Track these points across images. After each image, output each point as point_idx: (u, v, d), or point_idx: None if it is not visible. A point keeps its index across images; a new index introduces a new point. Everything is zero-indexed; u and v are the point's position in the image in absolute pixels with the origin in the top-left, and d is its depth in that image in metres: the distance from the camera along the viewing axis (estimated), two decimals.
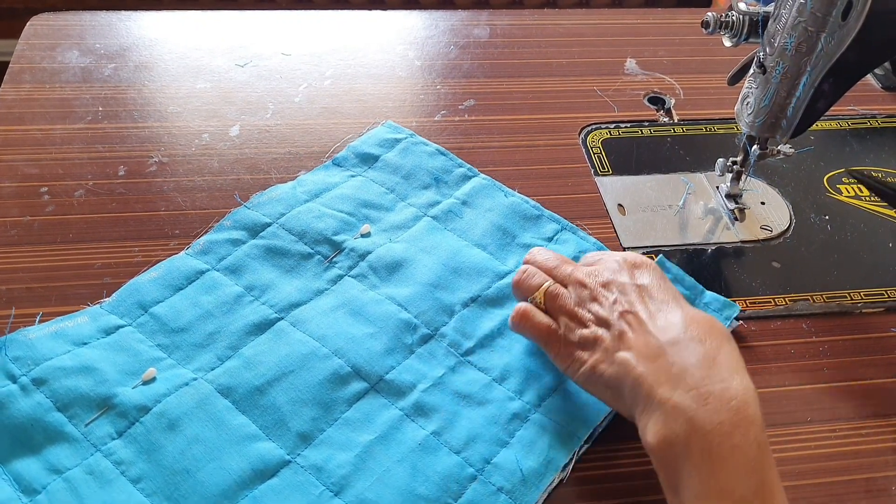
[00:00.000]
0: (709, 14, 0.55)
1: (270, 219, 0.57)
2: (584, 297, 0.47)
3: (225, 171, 0.63)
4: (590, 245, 0.58)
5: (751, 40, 0.55)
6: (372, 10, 0.84)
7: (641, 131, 0.71)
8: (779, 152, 0.59)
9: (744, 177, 0.62)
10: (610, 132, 0.70)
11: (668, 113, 0.73)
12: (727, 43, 0.56)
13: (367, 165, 0.63)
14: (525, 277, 0.50)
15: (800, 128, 0.56)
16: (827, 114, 0.55)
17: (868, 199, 0.65)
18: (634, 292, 0.46)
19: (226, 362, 0.49)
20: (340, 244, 0.56)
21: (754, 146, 0.59)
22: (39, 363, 0.47)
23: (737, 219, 0.62)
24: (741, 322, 0.55)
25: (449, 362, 0.50)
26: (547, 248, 0.58)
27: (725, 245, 0.61)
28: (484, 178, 0.63)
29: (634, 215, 0.63)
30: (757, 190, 0.65)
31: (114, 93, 0.69)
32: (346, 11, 0.83)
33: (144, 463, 0.43)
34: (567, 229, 0.59)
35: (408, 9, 0.90)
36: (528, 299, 0.49)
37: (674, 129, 0.71)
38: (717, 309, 0.54)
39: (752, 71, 0.56)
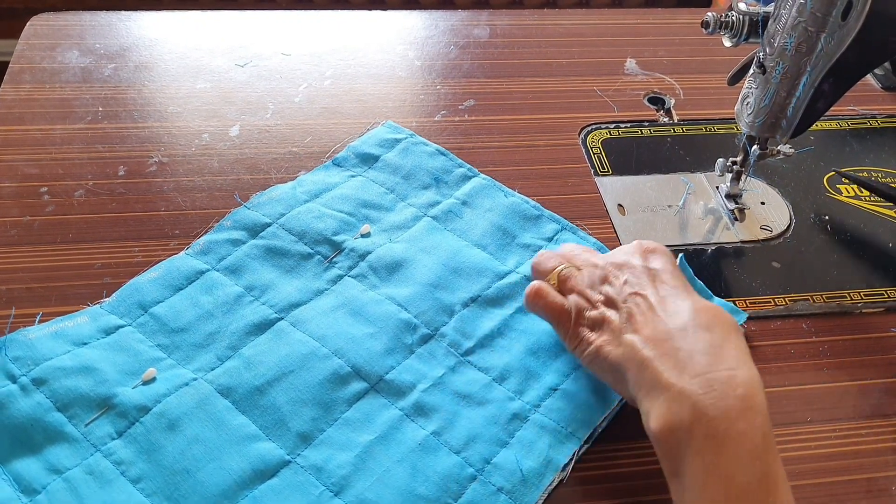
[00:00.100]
0: (709, 14, 0.55)
1: (270, 219, 0.57)
2: (595, 279, 0.48)
3: (225, 171, 0.63)
4: (590, 245, 0.58)
5: (751, 40, 0.55)
6: (372, 10, 0.84)
7: (641, 131, 0.71)
8: (779, 152, 0.59)
9: (744, 177, 0.62)
10: (610, 132, 0.70)
11: (668, 113, 0.73)
12: (727, 43, 0.56)
13: (367, 165, 0.63)
14: (542, 260, 0.52)
15: (800, 128, 0.56)
16: (827, 114, 0.55)
17: (868, 199, 0.65)
18: (646, 275, 0.46)
19: (226, 362, 0.49)
20: (340, 244, 0.56)
21: (754, 146, 0.59)
22: (39, 363, 0.47)
23: (737, 219, 0.62)
24: (741, 322, 0.55)
25: (449, 362, 0.50)
26: (546, 248, 0.58)
27: (725, 245, 0.61)
28: (484, 178, 0.63)
29: (634, 215, 0.63)
30: (757, 190, 0.65)
31: (114, 93, 0.69)
32: (346, 11, 0.83)
33: (144, 463, 0.43)
34: (567, 229, 0.59)
35: (408, 9, 0.90)
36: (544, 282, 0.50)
37: (674, 129, 0.71)
38: None
39: (752, 71, 0.56)
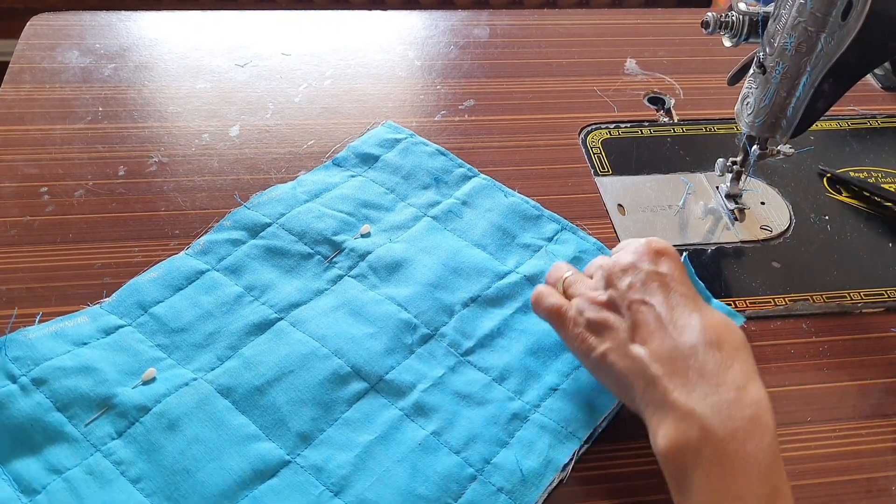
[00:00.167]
0: (709, 14, 0.55)
1: (270, 219, 0.57)
2: (599, 281, 0.47)
3: (225, 171, 0.63)
4: (590, 245, 0.58)
5: (751, 40, 0.55)
6: (372, 10, 0.84)
7: (641, 131, 0.71)
8: (779, 152, 0.59)
9: (744, 177, 0.62)
10: (610, 132, 0.70)
11: (668, 113, 0.73)
12: (727, 43, 0.56)
13: (367, 165, 0.63)
14: (553, 269, 0.51)
15: (800, 128, 0.56)
16: (827, 114, 0.55)
17: (868, 199, 0.65)
18: (653, 281, 0.44)
19: (226, 362, 0.49)
20: (340, 244, 0.56)
21: (754, 146, 0.59)
22: (39, 363, 0.47)
23: (737, 219, 0.62)
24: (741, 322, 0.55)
25: (449, 362, 0.50)
26: (546, 248, 0.58)
27: (725, 245, 0.61)
28: (484, 178, 0.63)
29: (634, 215, 0.63)
30: (757, 190, 0.65)
31: (114, 93, 0.69)
32: (346, 11, 0.83)
33: (144, 463, 0.43)
34: (567, 229, 0.59)
35: (408, 9, 0.90)
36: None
37: (674, 129, 0.71)
38: None
39: (752, 71, 0.56)
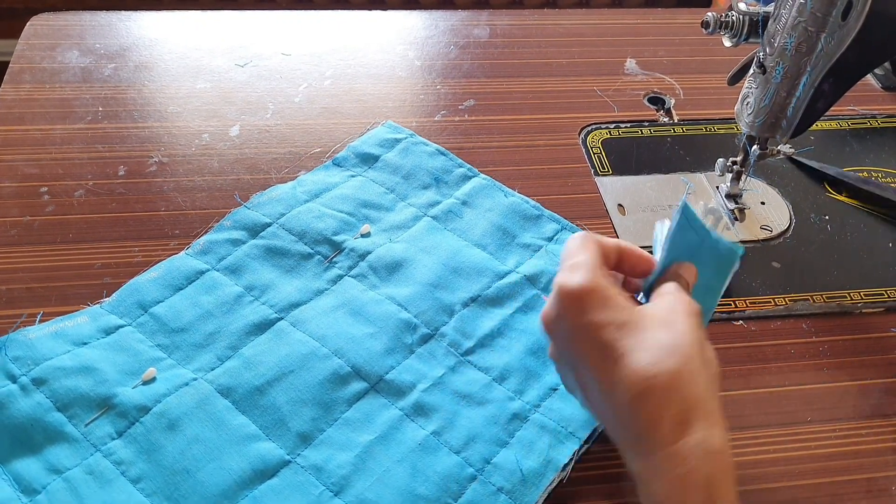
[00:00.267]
0: (709, 14, 0.55)
1: (270, 219, 0.57)
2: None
3: (225, 171, 0.63)
4: None
5: (751, 40, 0.55)
6: (372, 10, 0.84)
7: (641, 131, 0.71)
8: (779, 152, 0.59)
9: (744, 177, 0.62)
10: (610, 132, 0.70)
11: (668, 113, 0.73)
12: (727, 43, 0.56)
13: (367, 165, 0.63)
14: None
15: (800, 128, 0.56)
16: (827, 114, 0.55)
17: (868, 199, 0.65)
18: (568, 345, 0.40)
19: (226, 362, 0.49)
20: (340, 244, 0.56)
21: (754, 146, 0.59)
22: (39, 363, 0.47)
23: (737, 219, 0.62)
24: (741, 322, 0.55)
25: (449, 362, 0.50)
26: (546, 247, 0.58)
27: None
28: (484, 178, 0.63)
29: (634, 215, 0.63)
30: (757, 190, 0.65)
31: (114, 93, 0.69)
32: (346, 11, 0.83)
33: (144, 463, 0.43)
34: (567, 229, 0.59)
35: (408, 9, 0.90)
36: None
37: (674, 129, 0.71)
38: (723, 253, 0.44)
39: (752, 71, 0.56)
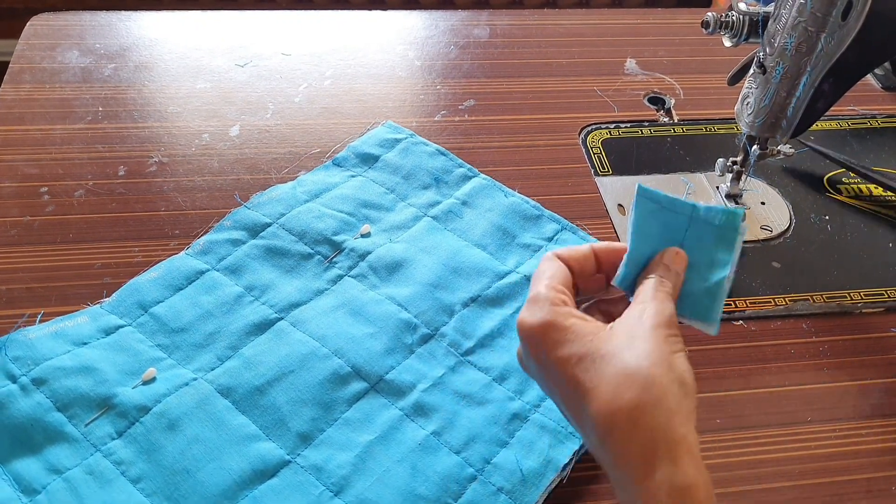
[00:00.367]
0: (709, 14, 0.55)
1: (270, 219, 0.57)
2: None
3: (225, 171, 0.63)
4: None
5: (751, 40, 0.55)
6: (372, 10, 0.84)
7: (641, 131, 0.71)
8: (779, 152, 0.59)
9: (744, 177, 0.62)
10: (610, 132, 0.70)
11: (668, 113, 0.73)
12: (727, 43, 0.56)
13: (367, 165, 0.63)
14: None
15: (800, 128, 0.56)
16: (827, 114, 0.55)
17: (868, 198, 0.65)
18: (542, 381, 0.40)
19: (226, 362, 0.49)
20: (340, 244, 0.56)
21: (754, 146, 0.59)
22: (39, 363, 0.47)
23: None
24: (741, 322, 0.55)
25: (449, 362, 0.50)
26: (546, 248, 0.58)
27: None
28: (484, 178, 0.63)
29: None
30: (757, 190, 0.65)
31: (114, 93, 0.69)
32: (346, 11, 0.83)
33: (144, 463, 0.43)
34: (567, 229, 0.59)
35: (408, 9, 0.90)
36: None
37: (674, 129, 0.71)
38: (720, 223, 0.40)
39: (752, 71, 0.56)
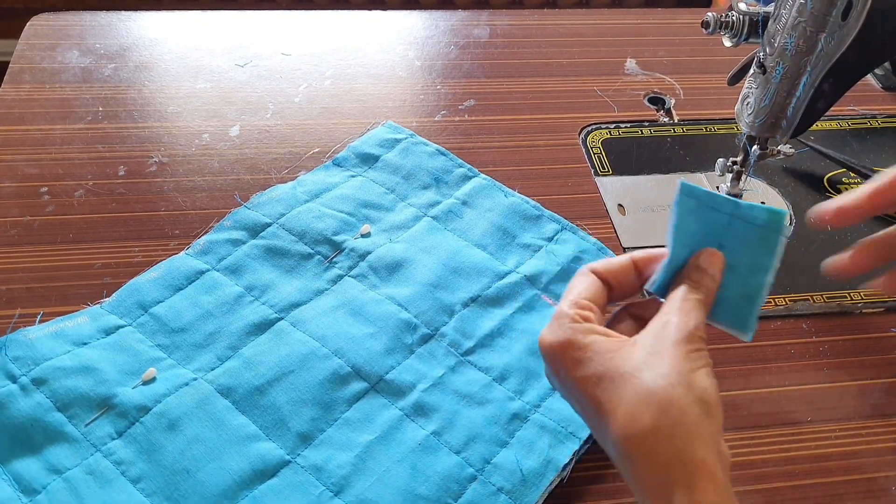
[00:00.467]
0: (709, 14, 0.55)
1: (270, 219, 0.57)
2: None
3: (225, 171, 0.63)
4: (590, 245, 0.58)
5: (751, 40, 0.55)
6: (372, 10, 0.84)
7: (641, 131, 0.71)
8: (779, 152, 0.59)
9: (744, 177, 0.62)
10: (610, 132, 0.70)
11: (668, 113, 0.73)
12: (727, 43, 0.56)
13: (367, 165, 0.63)
14: None
15: (800, 128, 0.55)
16: (827, 114, 0.55)
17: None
18: (566, 398, 0.40)
19: (226, 362, 0.49)
20: (340, 244, 0.56)
21: (754, 146, 0.59)
22: (39, 363, 0.47)
23: None
24: None
25: (449, 362, 0.50)
26: (546, 248, 0.58)
27: None
28: (484, 178, 0.63)
29: (634, 215, 0.63)
30: (757, 190, 0.65)
31: (114, 93, 0.69)
32: (346, 11, 0.83)
33: (144, 463, 0.43)
34: (567, 229, 0.59)
35: (408, 9, 0.90)
36: None
37: (674, 129, 0.71)
38: (762, 223, 0.41)
39: (752, 71, 0.56)
